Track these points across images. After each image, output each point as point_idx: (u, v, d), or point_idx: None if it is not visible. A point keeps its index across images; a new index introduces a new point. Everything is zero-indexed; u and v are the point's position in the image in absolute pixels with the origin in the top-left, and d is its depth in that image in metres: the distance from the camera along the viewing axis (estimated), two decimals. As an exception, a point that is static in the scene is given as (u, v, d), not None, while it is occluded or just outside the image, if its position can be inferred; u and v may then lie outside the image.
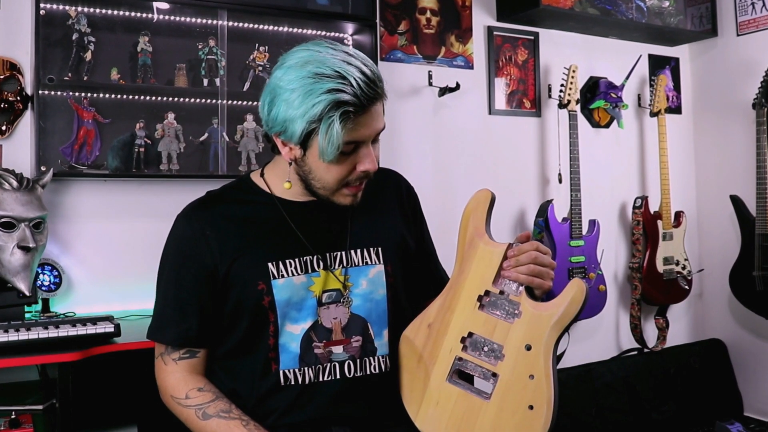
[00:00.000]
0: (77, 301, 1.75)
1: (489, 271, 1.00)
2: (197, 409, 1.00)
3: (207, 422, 0.99)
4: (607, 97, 2.52)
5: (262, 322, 1.00)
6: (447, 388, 0.99)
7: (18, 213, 1.53)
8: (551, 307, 0.96)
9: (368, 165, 0.98)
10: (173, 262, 1.04)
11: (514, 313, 0.98)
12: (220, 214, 1.04)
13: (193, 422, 1.00)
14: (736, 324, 2.75)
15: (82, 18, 1.73)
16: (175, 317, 1.02)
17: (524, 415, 0.94)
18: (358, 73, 0.93)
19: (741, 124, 2.66)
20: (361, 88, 0.93)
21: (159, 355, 1.05)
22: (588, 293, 0.96)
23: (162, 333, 1.04)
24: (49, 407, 1.40)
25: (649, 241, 2.57)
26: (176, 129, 1.84)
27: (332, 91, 0.92)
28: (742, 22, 2.67)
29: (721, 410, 2.66)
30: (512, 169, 2.45)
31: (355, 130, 0.95)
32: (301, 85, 0.93)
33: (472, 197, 1.05)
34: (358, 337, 1.04)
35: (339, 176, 0.99)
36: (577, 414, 2.35)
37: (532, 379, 0.94)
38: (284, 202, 1.06)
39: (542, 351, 0.95)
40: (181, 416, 1.02)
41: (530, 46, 2.49)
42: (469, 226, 1.04)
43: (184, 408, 1.01)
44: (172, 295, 1.03)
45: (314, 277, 1.03)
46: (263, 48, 1.96)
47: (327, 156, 0.95)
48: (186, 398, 1.01)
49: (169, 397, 1.03)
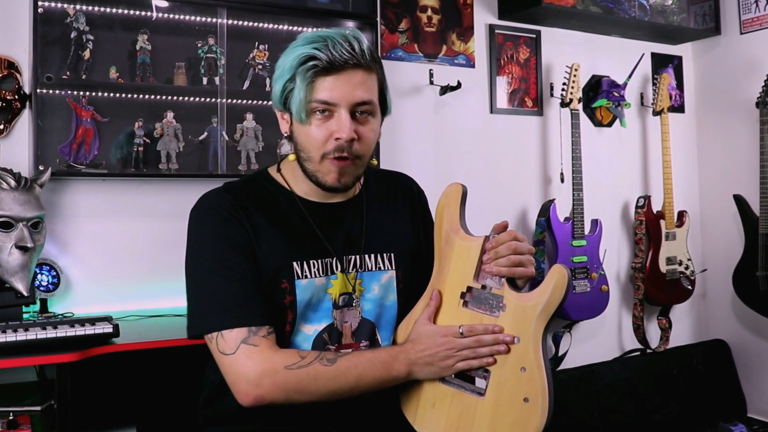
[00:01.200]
0: (76, 302, 1.74)
1: (468, 267, 1.00)
2: (319, 359, 0.95)
3: (336, 365, 0.95)
4: (609, 95, 2.50)
5: (280, 319, 1.00)
6: (441, 388, 0.99)
7: (16, 212, 1.52)
8: (535, 296, 0.96)
9: (340, 132, 0.96)
10: (221, 245, 0.97)
11: (498, 307, 0.97)
12: (251, 204, 1.02)
13: (323, 374, 0.94)
14: (739, 324, 2.74)
15: (80, 16, 1.72)
16: (252, 296, 0.96)
17: (521, 409, 0.93)
18: (339, 37, 0.96)
19: (744, 123, 2.65)
20: (336, 49, 0.94)
21: (241, 343, 0.94)
22: (570, 278, 0.95)
23: (246, 316, 0.95)
24: (47, 408, 1.39)
25: (652, 241, 2.56)
26: (175, 128, 1.83)
27: (306, 49, 0.95)
28: (746, 20, 2.66)
29: (724, 411, 2.65)
30: (514, 169, 2.44)
31: (325, 89, 0.95)
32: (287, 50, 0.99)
33: (443, 193, 1.04)
34: (366, 342, 1.04)
35: (316, 142, 0.98)
36: (579, 415, 2.34)
37: (524, 371, 0.94)
38: (304, 201, 1.05)
39: (531, 342, 0.94)
40: (306, 378, 0.94)
41: (532, 44, 2.48)
42: (443, 223, 1.03)
43: (306, 367, 0.94)
44: (237, 277, 0.96)
45: (333, 280, 1.03)
46: (263, 46, 1.95)
47: (299, 114, 0.96)
48: (302, 358, 0.95)
49: (283, 370, 0.93)
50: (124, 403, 1.59)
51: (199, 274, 0.99)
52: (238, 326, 0.94)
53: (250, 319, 0.95)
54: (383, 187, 1.13)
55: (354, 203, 1.09)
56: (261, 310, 0.97)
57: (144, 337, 1.45)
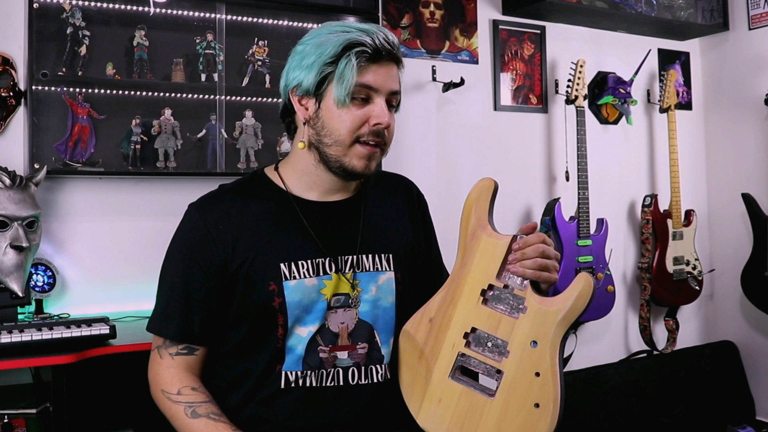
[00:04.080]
0: (71, 302, 1.73)
1: (492, 265, 0.99)
2: (187, 406, 0.97)
3: (195, 421, 0.96)
4: (615, 92, 2.49)
5: (270, 323, 0.99)
6: (450, 385, 0.98)
7: (11, 212, 1.52)
8: (558, 302, 0.95)
9: (381, 117, 0.98)
10: (182, 254, 1.02)
11: (518, 308, 0.97)
12: (235, 209, 1.03)
13: (180, 419, 0.97)
14: (748, 325, 2.72)
15: (76, 11, 1.71)
16: (179, 311, 1.00)
17: (530, 413, 0.92)
18: (375, 29, 1.00)
19: (753, 121, 2.63)
20: (380, 39, 0.98)
21: (156, 348, 1.03)
22: (595, 287, 0.95)
23: (163, 326, 1.02)
24: (42, 411, 1.38)
25: (659, 241, 2.54)
26: (173, 125, 1.82)
27: (353, 35, 0.97)
28: (755, 15, 2.64)
29: (732, 414, 2.64)
30: (518, 167, 2.43)
31: (368, 73, 0.97)
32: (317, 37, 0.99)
33: (474, 186, 1.04)
34: (363, 344, 1.03)
35: (352, 126, 0.98)
36: (584, 418, 2.33)
37: (538, 376, 0.93)
38: (298, 200, 1.05)
39: (548, 348, 0.93)
40: (168, 412, 0.99)
41: (537, 40, 2.46)
42: (471, 217, 1.02)
43: (173, 404, 0.98)
44: (178, 287, 1.01)
45: (326, 280, 1.02)
46: (262, 42, 1.94)
47: (340, 98, 0.97)
48: (178, 394, 0.98)
49: (160, 391, 1.00)
50: (120, 406, 1.59)
51: (161, 275, 1.05)
52: (156, 333, 1.03)
53: (164, 331, 1.02)
54: (383, 188, 1.12)
55: (352, 202, 1.08)
56: (182, 327, 1.00)
57: (141, 338, 1.43)
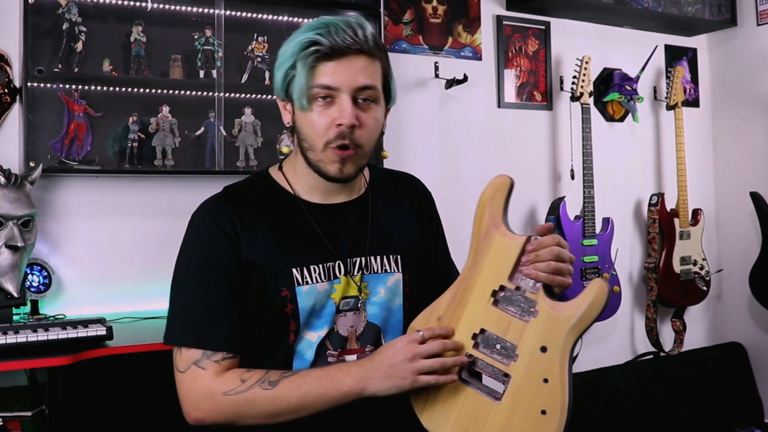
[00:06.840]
0: (68, 303, 1.72)
1: (505, 265, 0.96)
2: (260, 383, 0.93)
3: (277, 387, 0.93)
4: (621, 89, 2.48)
5: (282, 329, 0.99)
6: (456, 385, 0.96)
7: (5, 211, 1.51)
8: (570, 308, 0.93)
9: (342, 118, 0.95)
10: (201, 260, 0.98)
11: (529, 311, 0.95)
12: (248, 211, 1.01)
13: (261, 398, 0.93)
14: (756, 326, 2.70)
15: (72, 7, 1.70)
16: (215, 318, 0.96)
17: (536, 420, 0.91)
18: (342, 23, 0.96)
19: (762, 118, 2.61)
20: (338, 34, 0.94)
21: (193, 363, 0.95)
22: (610, 295, 0.93)
23: (203, 338, 0.96)
24: (38, 413, 1.37)
25: (666, 240, 2.52)
26: (171, 123, 1.81)
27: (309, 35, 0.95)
28: (763, 11, 2.62)
29: (740, 416, 2.61)
30: (522, 165, 2.41)
31: (326, 73, 0.95)
32: (289, 38, 0.99)
33: (489, 183, 1.01)
34: (371, 347, 1.02)
35: (318, 129, 0.97)
36: (590, 420, 2.31)
37: (546, 383, 0.91)
38: (306, 203, 1.03)
39: (558, 354, 0.92)
40: (244, 404, 0.93)
41: (541, 36, 2.44)
42: (485, 215, 0.99)
43: (245, 392, 0.93)
44: (209, 295, 0.97)
45: (336, 284, 1.01)
46: (262, 38, 1.92)
47: (300, 101, 0.96)
48: (242, 382, 0.94)
49: (221, 397, 0.93)
50: (117, 408, 1.58)
51: (176, 286, 1.00)
52: (194, 347, 0.96)
53: (207, 342, 0.96)
54: (389, 187, 1.11)
55: (359, 203, 1.07)
56: (223, 334, 0.97)
57: (138, 339, 1.44)
